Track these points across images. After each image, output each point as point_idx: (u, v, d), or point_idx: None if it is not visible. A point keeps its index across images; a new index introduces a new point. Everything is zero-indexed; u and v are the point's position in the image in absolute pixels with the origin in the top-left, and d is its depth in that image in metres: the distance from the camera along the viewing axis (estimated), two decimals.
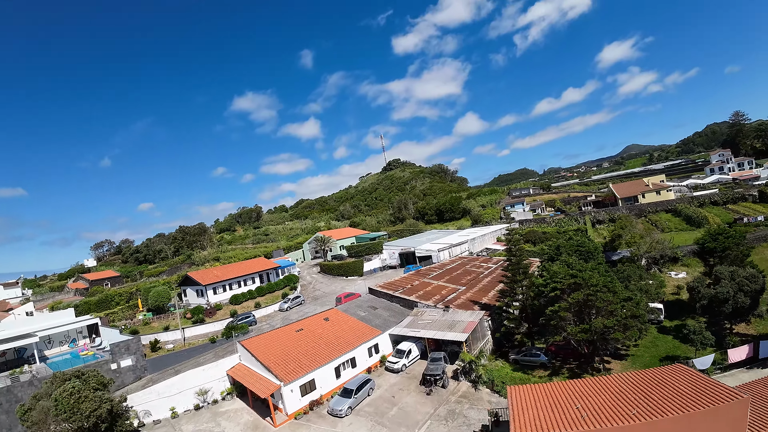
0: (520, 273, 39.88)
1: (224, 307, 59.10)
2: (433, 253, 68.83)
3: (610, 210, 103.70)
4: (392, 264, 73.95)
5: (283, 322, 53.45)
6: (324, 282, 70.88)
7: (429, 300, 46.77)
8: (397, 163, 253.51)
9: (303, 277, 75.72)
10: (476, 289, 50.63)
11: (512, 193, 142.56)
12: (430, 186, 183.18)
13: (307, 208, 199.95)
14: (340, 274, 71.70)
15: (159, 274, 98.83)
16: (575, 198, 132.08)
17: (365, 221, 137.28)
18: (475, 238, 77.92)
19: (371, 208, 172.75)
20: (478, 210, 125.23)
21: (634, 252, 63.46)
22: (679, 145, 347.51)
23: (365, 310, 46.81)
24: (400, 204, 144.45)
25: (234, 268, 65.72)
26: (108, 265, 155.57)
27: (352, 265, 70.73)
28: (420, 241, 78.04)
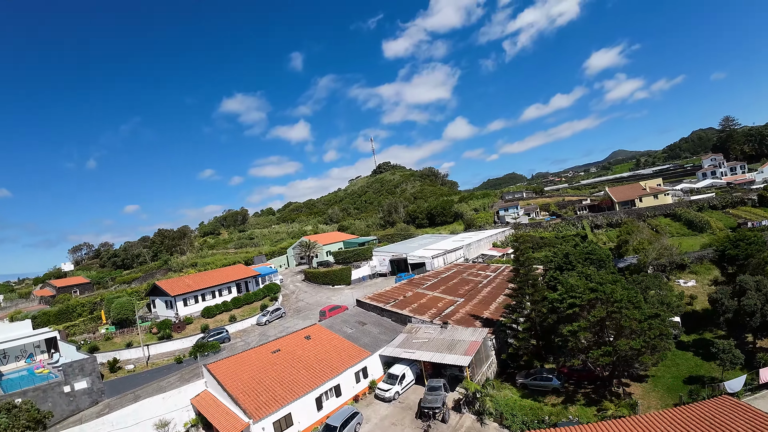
0: (529, 285, 34.85)
1: (195, 321, 52.89)
2: (426, 260, 63.63)
3: (607, 214, 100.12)
4: (383, 271, 68.55)
5: (259, 338, 47.53)
6: (308, 291, 65.06)
7: (424, 314, 41.45)
8: (387, 166, 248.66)
9: (286, 286, 69.77)
10: (476, 301, 45.51)
11: (505, 196, 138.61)
12: (421, 189, 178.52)
13: (294, 212, 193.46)
14: (326, 282, 65.97)
15: (132, 281, 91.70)
16: (570, 202, 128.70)
17: (354, 225, 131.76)
18: (470, 244, 73.02)
19: (360, 212, 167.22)
20: (471, 214, 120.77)
21: (642, 259, 59.19)
22: (666, 150, 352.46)
23: (352, 326, 41.25)
24: (391, 207, 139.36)
25: (208, 277, 59.51)
26: (85, 269, 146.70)
27: (339, 273, 65.11)
28: (412, 246, 72.86)
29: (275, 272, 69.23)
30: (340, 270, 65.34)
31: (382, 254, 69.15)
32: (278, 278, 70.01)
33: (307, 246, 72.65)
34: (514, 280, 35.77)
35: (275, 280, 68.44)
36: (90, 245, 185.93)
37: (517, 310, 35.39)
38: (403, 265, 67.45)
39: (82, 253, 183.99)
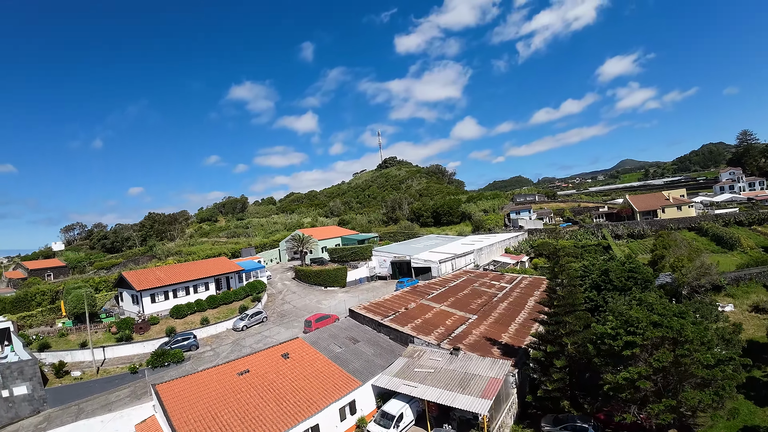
0: (572, 313, 27.09)
1: (162, 321, 45.59)
2: (433, 265, 55.98)
3: (628, 224, 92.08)
4: (382, 274, 61.01)
5: (232, 348, 40.14)
6: (297, 292, 57.62)
7: (430, 334, 33.85)
8: (393, 161, 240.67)
9: (273, 284, 62.36)
10: (492, 320, 37.86)
11: (516, 199, 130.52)
12: (427, 186, 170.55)
13: (295, 202, 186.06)
14: (318, 283, 58.49)
15: (112, 266, 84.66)
16: (586, 208, 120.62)
17: (355, 220, 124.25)
18: (482, 249, 65.25)
19: (363, 206, 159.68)
20: (480, 215, 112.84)
21: (680, 279, 51.33)
22: (676, 162, 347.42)
23: (342, 344, 33.75)
24: (394, 203, 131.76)
25: (183, 270, 52.11)
26: (75, 250, 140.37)
27: (333, 274, 57.58)
28: (416, 248, 65.22)
29: (262, 268, 61.80)
30: (334, 270, 57.79)
31: (383, 254, 61.59)
32: (265, 275, 62.59)
33: (300, 240, 65.13)
34: (549, 303, 28.05)
35: (262, 276, 61.03)
36: (83, 225, 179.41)
37: (551, 341, 27.66)
38: (405, 268, 59.89)
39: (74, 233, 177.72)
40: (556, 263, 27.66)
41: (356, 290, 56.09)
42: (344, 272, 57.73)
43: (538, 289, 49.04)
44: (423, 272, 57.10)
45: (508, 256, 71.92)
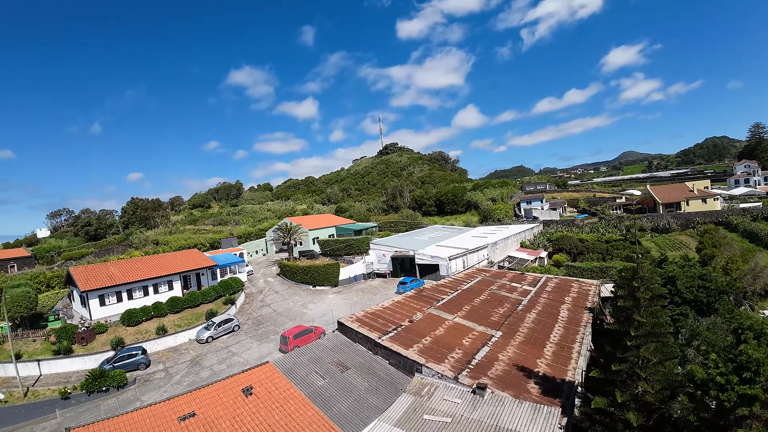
0: (654, 347, 18.35)
1: (111, 329, 37.08)
2: (441, 262, 47.33)
3: (651, 217, 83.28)
4: (381, 271, 52.38)
5: (189, 368, 31.68)
6: (281, 292, 49.10)
7: (443, 361, 25.31)
8: (394, 147, 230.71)
9: (254, 282, 53.83)
10: (521, 338, 29.30)
11: (526, 187, 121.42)
12: (430, 174, 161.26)
13: (291, 188, 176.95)
14: (306, 281, 49.92)
15: (81, 256, 76.18)
16: (602, 199, 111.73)
17: (354, 207, 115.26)
18: (496, 243, 56.48)
19: (362, 193, 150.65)
20: (487, 204, 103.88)
21: (733, 283, 42.78)
22: (680, 155, 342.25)
23: (326, 371, 25.26)
24: (395, 191, 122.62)
25: (143, 265, 43.44)
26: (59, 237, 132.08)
27: (323, 271, 48.93)
28: (421, 241, 56.51)
29: (242, 262, 53.05)
30: (325, 266, 49.12)
31: (383, 248, 52.91)
32: (245, 270, 53.95)
33: (287, 230, 56.30)
34: (617, 330, 19.32)
35: (241, 273, 52.39)
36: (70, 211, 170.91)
37: (619, 385, 19.04)
38: (408, 264, 51.32)
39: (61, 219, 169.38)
40: (633, 275, 18.86)
41: (350, 291, 47.55)
42: (336, 269, 49.08)
43: (568, 293, 40.48)
44: (429, 271, 48.53)
45: (525, 251, 63.24)
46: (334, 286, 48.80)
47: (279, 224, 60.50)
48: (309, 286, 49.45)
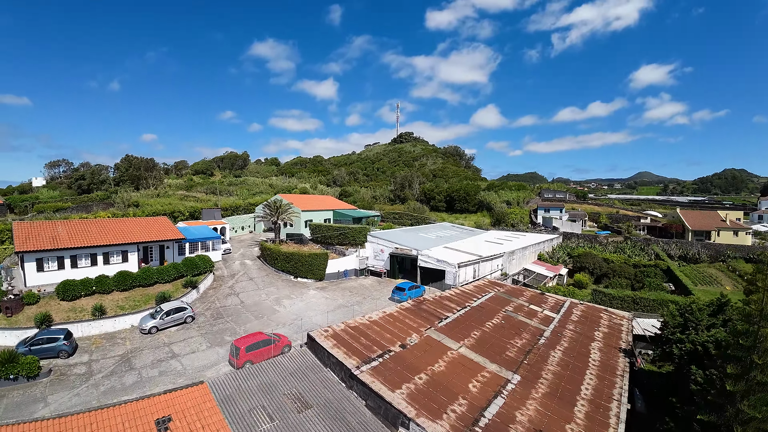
0: None
1: (44, 301, 30.08)
2: (448, 269, 39.62)
3: (680, 243, 74.76)
4: (377, 268, 44.85)
5: (117, 366, 24.47)
6: (255, 279, 41.81)
7: (440, 415, 17.69)
8: (409, 137, 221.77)
9: (229, 263, 46.62)
10: (545, 388, 21.64)
11: (544, 194, 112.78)
12: (443, 167, 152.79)
13: (297, 166, 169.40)
14: (287, 270, 42.54)
15: (57, 210, 69.61)
16: (626, 216, 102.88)
17: (359, 193, 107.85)
18: (513, 252, 48.63)
19: (370, 179, 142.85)
20: (501, 206, 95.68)
21: None
22: (696, 182, 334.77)
23: (277, 409, 17.84)
24: (404, 180, 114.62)
25: (97, 229, 36.22)
26: (53, 188, 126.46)
27: (308, 261, 41.45)
28: (426, 239, 48.85)
29: (217, 238, 45.76)
30: (311, 256, 41.63)
31: (381, 242, 45.31)
32: (221, 248, 46.70)
33: (275, 208, 48.81)
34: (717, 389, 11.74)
35: (216, 251, 45.21)
36: (69, 163, 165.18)
37: None
38: (408, 265, 43.75)
39: (59, 170, 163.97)
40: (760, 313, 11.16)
41: (336, 288, 40.13)
42: (324, 260, 41.61)
43: (597, 326, 32.73)
44: (433, 277, 40.91)
45: (543, 265, 55.30)
46: (318, 279, 41.39)
47: (268, 201, 53.00)
48: (290, 277, 42.12)
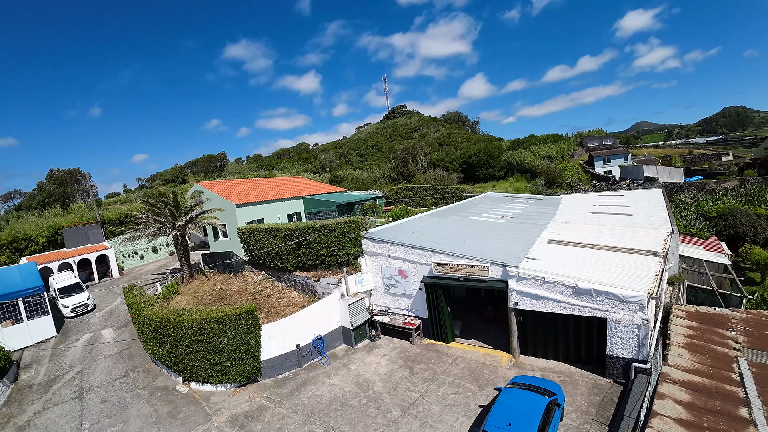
0: None
1: None
2: (620, 312, 12.65)
3: None
4: (397, 319, 17.86)
5: None
6: (97, 389, 14.60)
7: None
8: (403, 110, 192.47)
9: (69, 341, 19.83)
10: None
11: (587, 143, 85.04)
12: (448, 134, 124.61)
13: (278, 156, 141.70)
14: (170, 363, 15.72)
15: None
16: (703, 156, 75.65)
17: (353, 176, 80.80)
18: (672, 231, 21.51)
19: (365, 160, 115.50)
20: (543, 164, 68.00)
21: None
22: (700, 123, 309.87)
23: None
24: (407, 153, 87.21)
25: None
26: None
27: (210, 337, 14.20)
28: (495, 230, 21.68)
29: (36, 292, 18.91)
30: (214, 321, 14.24)
31: (395, 251, 18.12)
32: (68, 305, 19.93)
33: (162, 209, 21.91)
34: None
35: (37, 318, 18.52)
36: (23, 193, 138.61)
37: None
38: (477, 303, 17.02)
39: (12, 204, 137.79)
40: None
41: (292, 414, 13.54)
42: (252, 327, 14.54)
43: None
44: (556, 330, 13.98)
45: (691, 241, 28.61)
46: (243, 382, 14.55)
47: (154, 193, 23.10)
48: (176, 379, 15.58)
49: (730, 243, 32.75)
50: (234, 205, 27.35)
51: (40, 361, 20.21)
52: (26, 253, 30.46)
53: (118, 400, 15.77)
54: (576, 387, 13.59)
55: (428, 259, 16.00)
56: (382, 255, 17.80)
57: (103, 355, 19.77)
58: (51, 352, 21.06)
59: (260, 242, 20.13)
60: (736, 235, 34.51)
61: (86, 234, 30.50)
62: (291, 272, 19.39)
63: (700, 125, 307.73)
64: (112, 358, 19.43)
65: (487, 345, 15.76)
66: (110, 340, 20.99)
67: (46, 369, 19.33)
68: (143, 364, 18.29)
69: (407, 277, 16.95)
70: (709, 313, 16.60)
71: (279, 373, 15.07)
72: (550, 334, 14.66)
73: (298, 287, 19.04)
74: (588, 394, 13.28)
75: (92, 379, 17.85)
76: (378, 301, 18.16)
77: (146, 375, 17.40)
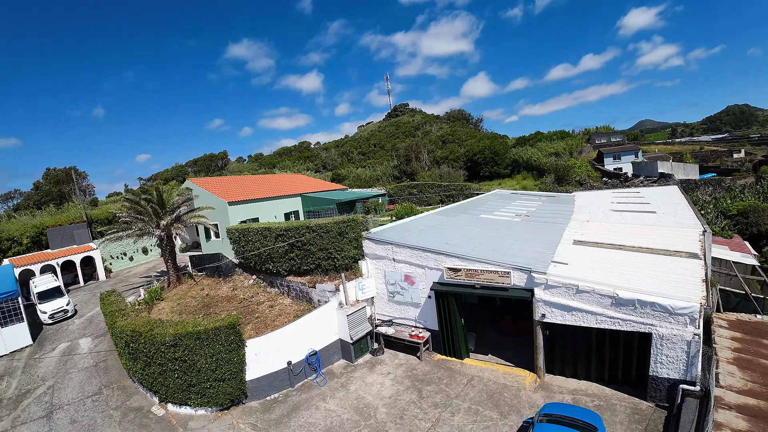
0: None
1: None
2: (668, 326, 10.65)
3: None
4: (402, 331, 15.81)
5: None
6: (68, 407, 13.28)
7: None
8: (405, 108, 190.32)
9: (45, 350, 18.08)
10: None
11: (595, 140, 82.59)
12: (452, 132, 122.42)
13: (280, 155, 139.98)
14: (147, 383, 13.77)
15: None
16: (714, 153, 73.18)
17: (355, 174, 79.05)
18: (705, 231, 19.37)
19: (367, 158, 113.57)
20: (551, 161, 65.68)
21: None
22: (704, 122, 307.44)
23: None
24: (409, 151, 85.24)
25: None
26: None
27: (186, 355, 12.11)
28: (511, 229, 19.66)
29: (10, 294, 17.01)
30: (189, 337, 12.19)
31: (401, 254, 16.01)
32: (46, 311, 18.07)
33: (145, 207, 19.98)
34: None
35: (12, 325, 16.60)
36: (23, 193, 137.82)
37: None
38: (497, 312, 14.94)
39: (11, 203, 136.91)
40: None
41: None
42: (234, 342, 12.64)
43: None
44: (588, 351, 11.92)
45: (723, 242, 26.44)
46: (227, 405, 12.67)
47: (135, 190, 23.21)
48: (152, 399, 13.64)
49: (752, 242, 30.59)
50: (226, 203, 25.38)
51: (13, 372, 18.43)
52: (9, 254, 28.66)
53: (88, 422, 13.88)
54: (614, 414, 11.52)
55: (439, 264, 13.91)
56: (386, 258, 15.73)
57: (78, 368, 17.88)
58: (25, 363, 19.27)
59: (250, 243, 18.10)
60: (759, 233, 32.46)
61: (71, 234, 28.61)
62: (284, 277, 17.36)
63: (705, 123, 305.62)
64: (87, 371, 17.53)
65: (506, 362, 13.69)
66: (87, 350, 19.08)
67: (17, 382, 17.55)
68: (119, 380, 16.35)
69: (414, 283, 14.88)
70: (752, 321, 14.49)
71: (267, 394, 13.06)
72: (581, 350, 12.57)
73: (292, 294, 17.01)
74: (628, 422, 11.22)
75: (63, 396, 15.99)
76: (381, 310, 16.09)
77: (121, 393, 15.46)
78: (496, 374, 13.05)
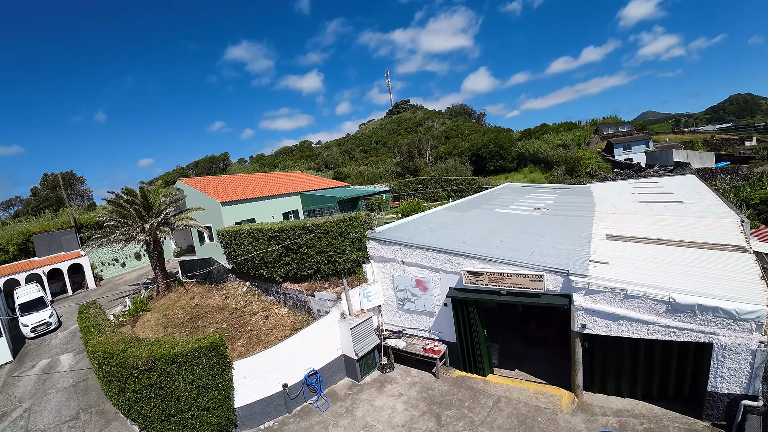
0: None
1: None
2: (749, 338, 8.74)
3: None
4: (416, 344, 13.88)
5: None
6: None
7: None
8: (407, 105, 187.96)
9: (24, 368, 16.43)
10: None
11: (603, 130, 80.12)
12: (455, 127, 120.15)
13: (281, 156, 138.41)
14: (127, 410, 12.01)
15: None
16: (726, 141, 70.71)
17: (357, 172, 77.23)
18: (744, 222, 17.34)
19: (369, 155, 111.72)
20: (559, 153, 63.44)
21: None
22: (708, 112, 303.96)
23: None
24: (412, 147, 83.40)
25: None
26: None
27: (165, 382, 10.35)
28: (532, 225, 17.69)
29: None
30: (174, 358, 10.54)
31: (411, 256, 14.08)
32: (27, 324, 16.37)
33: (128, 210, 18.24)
34: None
35: None
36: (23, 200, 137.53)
37: None
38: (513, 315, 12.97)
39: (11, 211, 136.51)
40: None
41: None
42: (220, 364, 10.92)
43: None
44: (637, 364, 10.01)
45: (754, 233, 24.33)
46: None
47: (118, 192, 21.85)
48: (132, 427, 11.88)
49: None
50: (219, 203, 23.58)
51: None
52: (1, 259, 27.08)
53: None
54: None
55: (456, 266, 12.01)
56: (394, 260, 13.86)
57: (57, 388, 16.18)
58: (3, 382, 17.64)
59: (242, 247, 16.28)
60: None
61: (59, 240, 26.96)
62: (280, 284, 15.52)
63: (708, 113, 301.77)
64: (66, 392, 15.82)
65: (536, 378, 11.78)
66: (67, 368, 17.36)
67: None
68: (98, 403, 14.61)
69: (428, 289, 12.99)
70: None
71: (261, 422, 11.23)
72: (626, 364, 10.64)
73: (289, 303, 15.18)
74: None
75: (39, 420, 14.29)
76: (390, 319, 14.22)
77: (99, 418, 13.71)
78: (527, 394, 11.15)
